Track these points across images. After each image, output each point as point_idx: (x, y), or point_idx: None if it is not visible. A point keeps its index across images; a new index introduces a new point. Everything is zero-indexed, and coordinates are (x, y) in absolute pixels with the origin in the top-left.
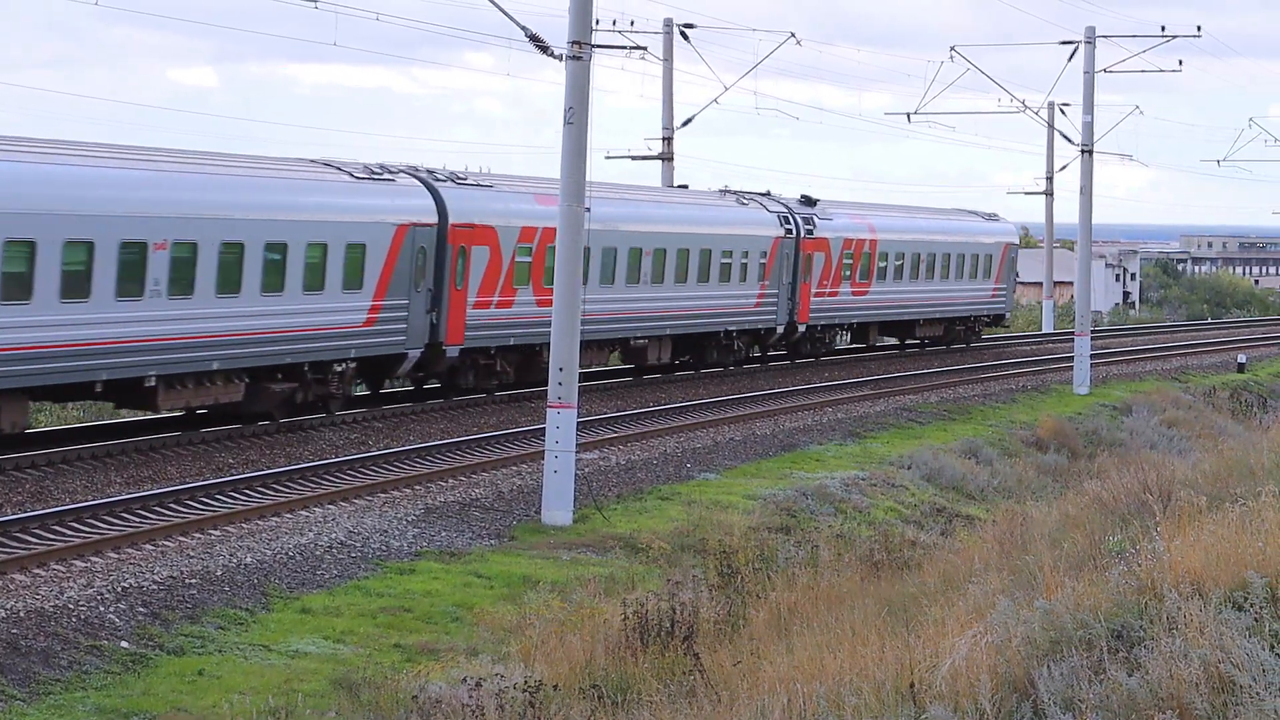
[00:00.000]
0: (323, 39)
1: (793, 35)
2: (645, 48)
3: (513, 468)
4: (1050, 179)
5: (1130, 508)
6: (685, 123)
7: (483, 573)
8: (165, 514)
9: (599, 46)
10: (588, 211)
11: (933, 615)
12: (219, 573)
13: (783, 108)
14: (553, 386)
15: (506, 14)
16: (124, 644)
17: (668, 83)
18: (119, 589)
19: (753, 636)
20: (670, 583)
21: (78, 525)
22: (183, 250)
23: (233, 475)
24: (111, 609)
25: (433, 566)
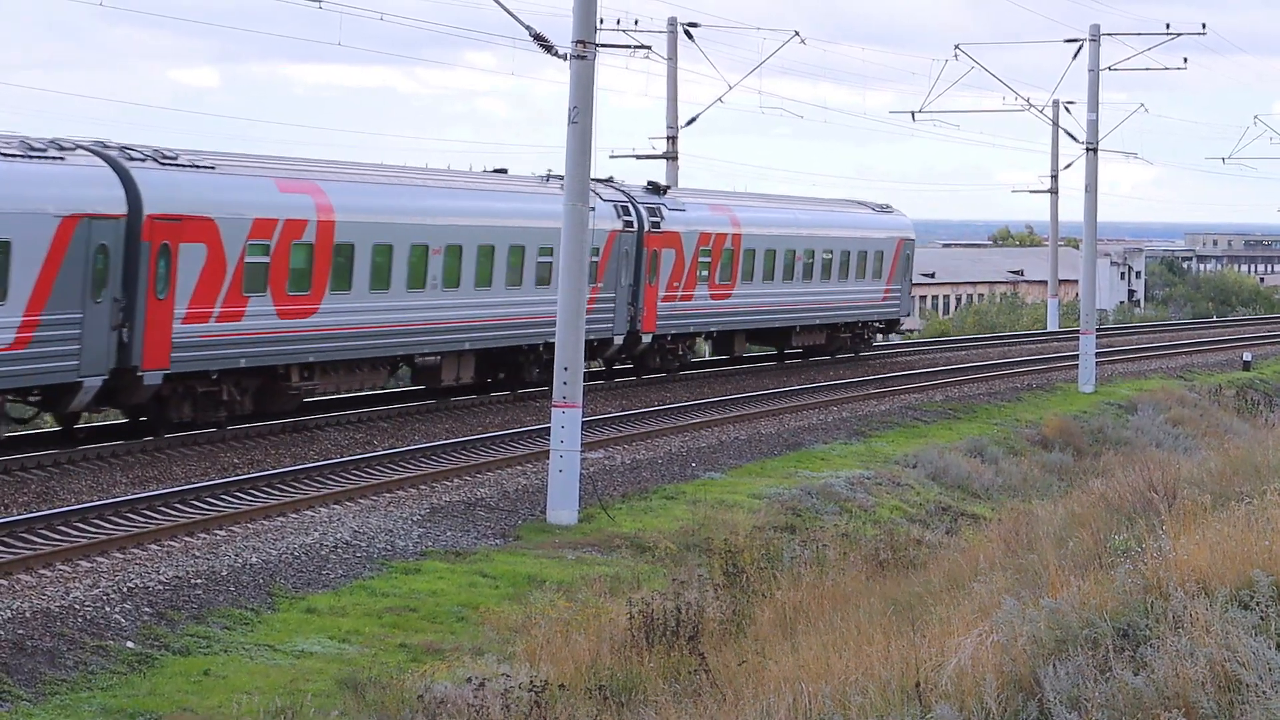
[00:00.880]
0: (326, 39)
1: (797, 34)
2: (649, 47)
3: (518, 467)
4: (1055, 177)
5: (1136, 506)
6: (689, 122)
7: (488, 572)
8: (170, 514)
9: (603, 46)
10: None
11: (938, 614)
12: (224, 573)
13: (786, 106)
14: (557, 386)
15: (511, 14)
16: (129, 644)
17: (672, 82)
18: (124, 589)
19: (758, 636)
20: (675, 582)
21: (83, 525)
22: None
23: (238, 475)
24: (117, 609)
25: (438, 566)
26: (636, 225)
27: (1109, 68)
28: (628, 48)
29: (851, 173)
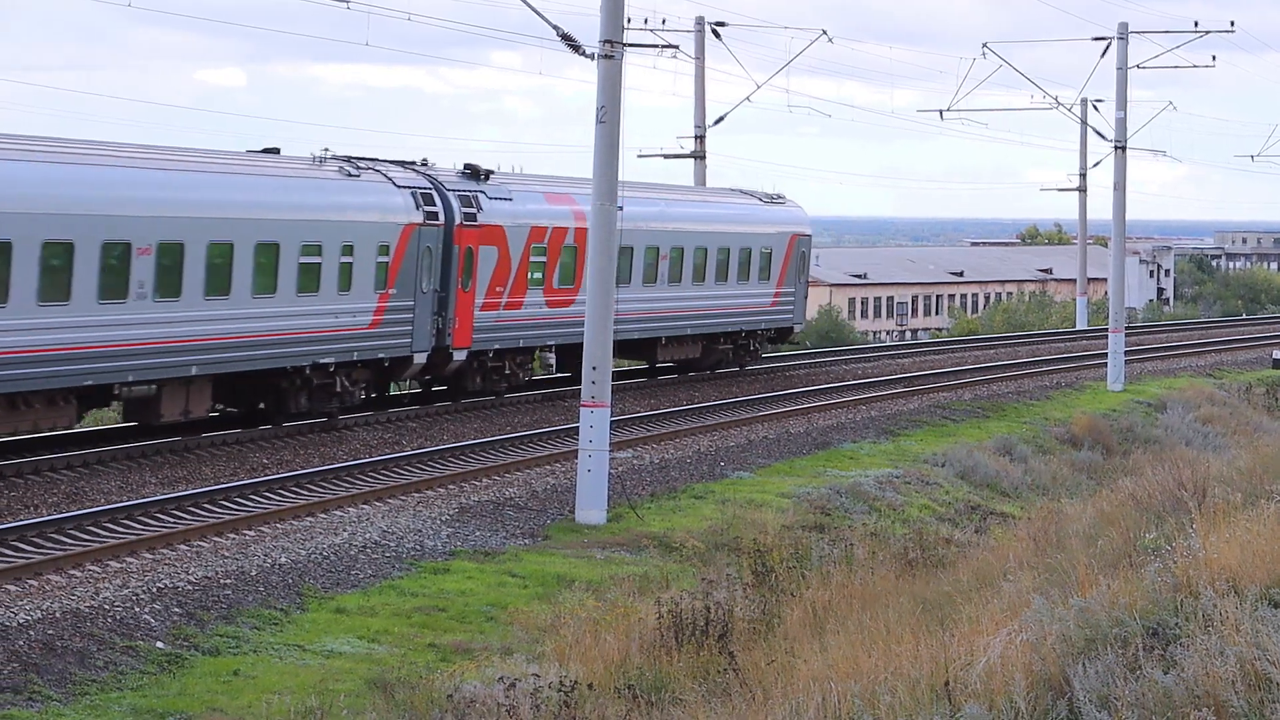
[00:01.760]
0: (354, 39)
1: (824, 33)
2: (677, 46)
3: (546, 467)
4: (1083, 175)
5: (1165, 505)
6: (717, 121)
7: (517, 572)
8: (200, 514)
9: (631, 45)
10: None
11: (967, 613)
12: (254, 573)
13: (814, 105)
14: (586, 385)
15: (539, 13)
16: (159, 644)
17: (699, 81)
18: (154, 589)
19: (787, 635)
20: (705, 581)
21: (113, 526)
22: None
23: (267, 475)
24: (147, 609)
25: (467, 566)
26: (444, 217)
27: (1137, 66)
28: (655, 47)
29: (879, 170)
